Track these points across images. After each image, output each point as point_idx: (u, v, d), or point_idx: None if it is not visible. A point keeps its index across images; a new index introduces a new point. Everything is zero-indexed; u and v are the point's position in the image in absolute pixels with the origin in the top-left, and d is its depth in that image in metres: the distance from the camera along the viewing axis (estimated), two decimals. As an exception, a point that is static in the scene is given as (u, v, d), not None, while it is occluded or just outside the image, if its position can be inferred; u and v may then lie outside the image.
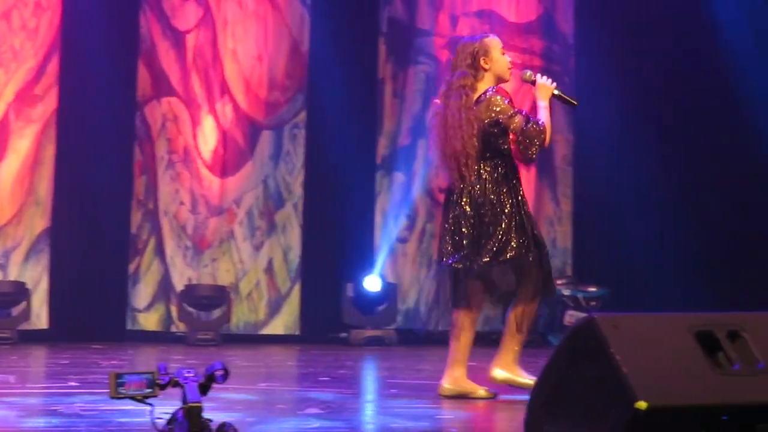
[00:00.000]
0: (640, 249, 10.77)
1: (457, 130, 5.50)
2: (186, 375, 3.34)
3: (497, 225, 5.46)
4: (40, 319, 10.03)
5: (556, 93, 5.65)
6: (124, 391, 3.32)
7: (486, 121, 5.49)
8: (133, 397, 3.34)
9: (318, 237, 10.74)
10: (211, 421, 3.32)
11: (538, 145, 5.47)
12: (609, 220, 10.85)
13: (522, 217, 5.51)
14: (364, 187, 10.96)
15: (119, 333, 10.17)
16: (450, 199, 5.60)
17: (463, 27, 11.22)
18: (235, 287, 10.55)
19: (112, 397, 3.33)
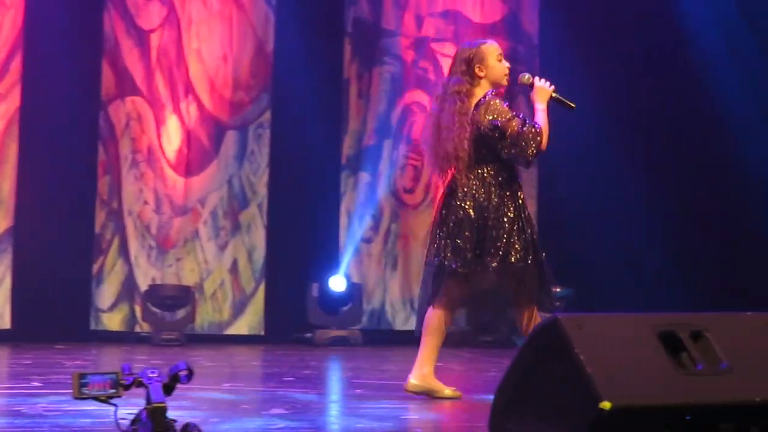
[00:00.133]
0: (604, 249, 10.80)
1: (451, 131, 5.48)
2: (150, 375, 3.33)
3: (500, 229, 5.43)
4: (3, 319, 9.97)
5: (554, 96, 5.65)
6: (87, 391, 3.31)
7: (485, 124, 5.46)
8: (97, 398, 3.33)
9: (283, 237, 10.73)
10: (175, 422, 3.31)
11: (534, 147, 5.44)
12: (573, 221, 10.87)
13: (522, 222, 5.51)
14: (329, 187, 10.95)
15: (83, 333, 10.11)
16: (450, 202, 5.54)
17: (429, 27, 11.24)
18: (199, 287, 10.52)
19: (75, 398, 3.31)
